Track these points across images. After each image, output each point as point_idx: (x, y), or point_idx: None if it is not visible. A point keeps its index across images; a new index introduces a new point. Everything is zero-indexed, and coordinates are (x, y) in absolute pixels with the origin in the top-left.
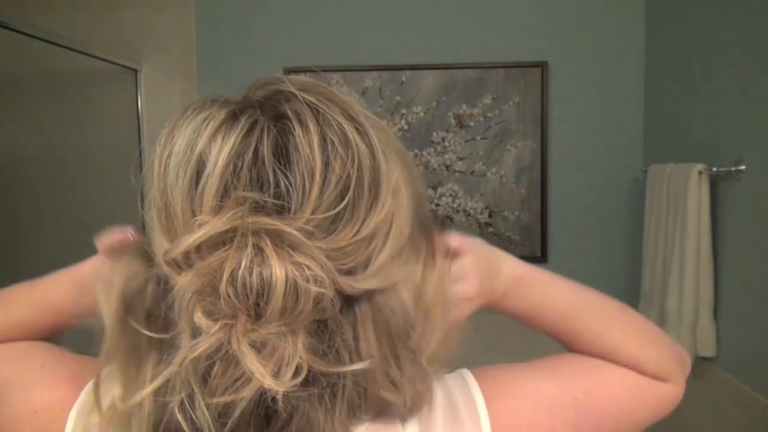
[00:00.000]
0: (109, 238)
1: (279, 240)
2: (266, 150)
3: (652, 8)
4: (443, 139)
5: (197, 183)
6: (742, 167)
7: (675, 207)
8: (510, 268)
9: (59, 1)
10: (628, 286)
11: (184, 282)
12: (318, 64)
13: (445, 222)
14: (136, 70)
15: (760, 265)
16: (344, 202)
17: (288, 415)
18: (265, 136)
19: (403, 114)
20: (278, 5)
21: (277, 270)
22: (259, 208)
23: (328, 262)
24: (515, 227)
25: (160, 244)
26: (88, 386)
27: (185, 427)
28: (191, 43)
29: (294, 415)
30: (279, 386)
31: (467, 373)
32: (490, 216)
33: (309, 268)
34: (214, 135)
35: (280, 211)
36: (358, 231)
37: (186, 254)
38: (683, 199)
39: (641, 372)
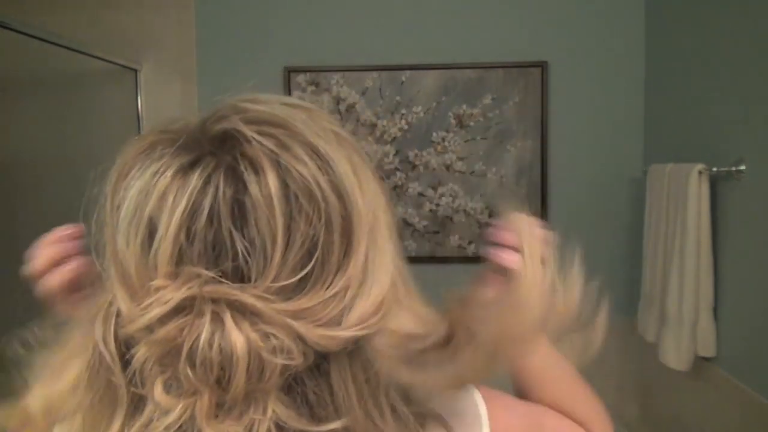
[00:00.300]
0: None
1: (240, 308)
2: (222, 208)
3: (652, 8)
4: (443, 139)
5: (150, 246)
6: (742, 167)
7: (675, 207)
8: None
9: (59, 1)
10: (628, 286)
11: (143, 352)
12: (318, 64)
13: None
14: (136, 70)
15: (760, 265)
16: (312, 263)
17: None
18: (220, 194)
19: (403, 114)
20: (278, 5)
21: (239, 343)
22: (216, 279)
23: (297, 324)
24: None
25: (122, 297)
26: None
27: None
28: (191, 43)
29: None
30: None
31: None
32: (490, 216)
33: (275, 337)
34: (164, 194)
35: (242, 276)
36: (329, 286)
37: (147, 326)
38: (683, 199)
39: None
